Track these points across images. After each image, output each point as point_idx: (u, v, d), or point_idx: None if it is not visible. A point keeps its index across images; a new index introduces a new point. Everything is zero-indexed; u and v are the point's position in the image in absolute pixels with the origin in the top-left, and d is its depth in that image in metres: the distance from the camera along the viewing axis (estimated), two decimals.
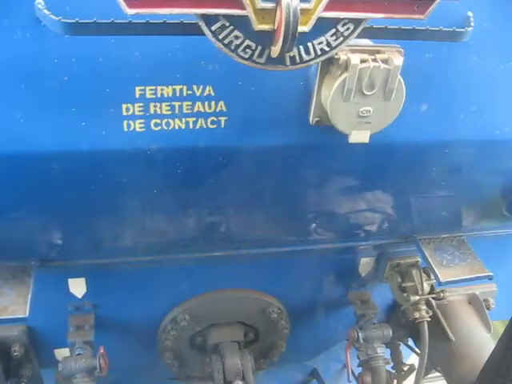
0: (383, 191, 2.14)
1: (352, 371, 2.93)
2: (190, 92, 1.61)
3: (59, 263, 2.26)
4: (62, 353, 2.67)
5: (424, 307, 2.62)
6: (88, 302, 2.51)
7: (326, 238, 2.44)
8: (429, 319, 2.63)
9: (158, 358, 2.84)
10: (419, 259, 2.64)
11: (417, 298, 2.57)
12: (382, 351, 2.68)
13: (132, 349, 2.80)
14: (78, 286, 2.45)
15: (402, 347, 3.18)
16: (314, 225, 2.29)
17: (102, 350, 2.44)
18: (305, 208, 2.19)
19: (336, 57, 1.46)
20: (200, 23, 1.29)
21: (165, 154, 1.70)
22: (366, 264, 2.70)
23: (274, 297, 2.70)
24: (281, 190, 2.00)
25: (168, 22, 1.33)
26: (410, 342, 3.16)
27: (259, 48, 1.35)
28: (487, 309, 2.95)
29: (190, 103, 1.63)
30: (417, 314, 2.62)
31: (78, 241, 2.14)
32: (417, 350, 3.07)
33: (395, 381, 3.06)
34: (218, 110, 1.65)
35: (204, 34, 1.31)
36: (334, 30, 1.36)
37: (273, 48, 1.33)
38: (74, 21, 1.32)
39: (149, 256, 2.30)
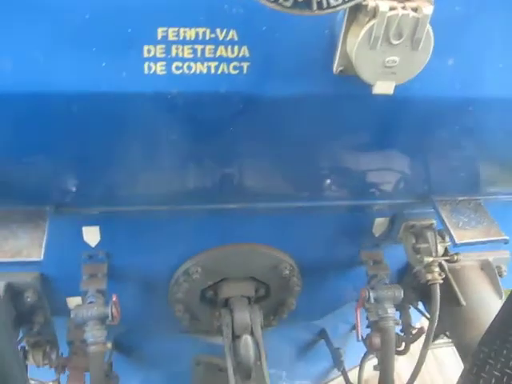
0: (402, 148, 2.11)
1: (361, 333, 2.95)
2: (213, 35, 1.57)
3: (74, 209, 2.26)
4: (74, 301, 2.69)
5: (437, 269, 2.60)
6: (101, 251, 2.52)
7: (341, 195, 2.41)
8: (441, 281, 2.61)
9: (170, 310, 2.86)
10: (434, 221, 2.61)
11: (430, 259, 2.55)
12: (393, 312, 2.67)
13: (144, 300, 2.82)
14: (91, 235, 2.46)
15: (412, 311, 3.19)
16: (329, 180, 2.26)
17: (114, 299, 2.46)
18: (321, 162, 2.16)
19: (364, 3, 1.41)
20: None
21: (185, 99, 1.67)
22: (380, 224, 2.68)
23: (287, 253, 2.70)
24: (299, 141, 1.97)
25: None
26: (420, 307, 3.17)
27: None
28: (499, 276, 2.94)
29: (212, 47, 1.58)
30: (429, 276, 2.60)
31: (93, 186, 2.14)
32: (426, 314, 3.08)
33: (403, 343, 3.08)
34: (240, 56, 1.61)
35: None
36: None
37: None
38: None
39: (163, 206, 2.29)
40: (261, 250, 2.64)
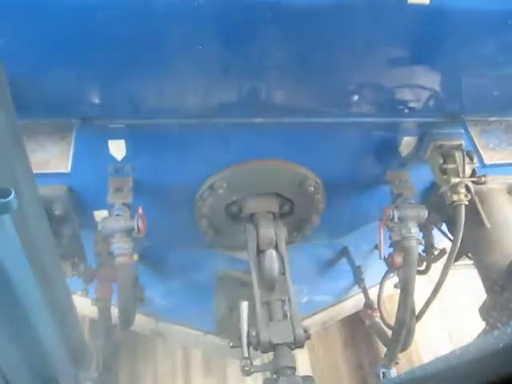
0: (435, 62, 2.04)
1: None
2: None
3: (100, 122, 2.25)
4: (100, 214, 2.73)
5: (463, 190, 2.57)
6: (127, 164, 2.53)
7: (369, 112, 2.37)
8: (467, 203, 2.59)
9: (194, 225, 2.90)
10: (463, 142, 2.56)
11: (457, 180, 2.52)
12: (416, 232, 2.67)
13: (169, 214, 2.85)
14: (117, 148, 2.46)
15: (435, 233, 3.19)
16: (357, 95, 2.22)
17: (140, 211, 2.49)
18: (350, 74, 2.11)
19: None
20: None
21: (212, 5, 1.62)
22: (407, 143, 2.64)
23: (312, 170, 2.69)
24: (329, 52, 1.92)
25: None
26: (443, 229, 3.17)
27: None
28: None
29: None
30: (455, 197, 2.58)
31: (119, 97, 2.13)
32: (449, 235, 3.08)
33: (425, 263, 3.10)
34: None
35: None
36: None
37: None
38: None
39: (189, 119, 2.27)
40: (286, 166, 2.63)
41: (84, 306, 3.14)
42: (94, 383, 2.22)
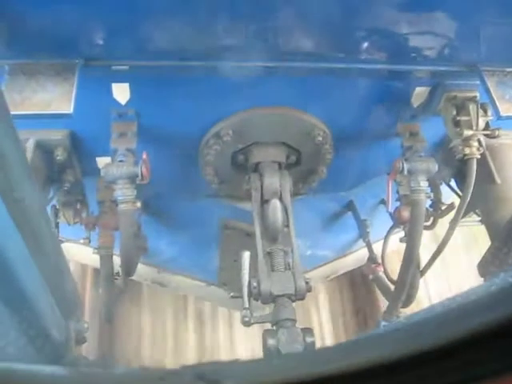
0: (451, 8, 1.96)
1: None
2: None
3: (103, 62, 2.18)
4: (104, 161, 2.68)
5: (476, 144, 2.51)
6: (131, 109, 2.47)
7: (380, 58, 2.29)
8: (478, 157, 2.54)
9: (199, 173, 2.85)
10: (477, 94, 2.48)
11: (470, 132, 2.46)
12: (425, 185, 2.62)
13: (173, 161, 2.81)
14: (121, 92, 2.39)
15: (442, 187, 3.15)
16: (367, 39, 2.15)
17: (144, 156, 2.44)
18: (361, 16, 2.03)
19: None
20: None
21: None
22: (420, 94, 2.56)
23: (321, 120, 2.62)
24: None
25: None
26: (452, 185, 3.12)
27: None
28: None
29: None
30: (467, 150, 2.52)
31: (121, 36, 2.05)
32: (458, 191, 3.04)
33: (431, 218, 3.06)
34: None
35: None
36: None
37: None
38: None
39: (195, 61, 2.20)
40: (294, 114, 2.56)
41: (86, 255, 3.14)
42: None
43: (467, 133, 2.46)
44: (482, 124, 2.49)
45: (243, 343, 4.39)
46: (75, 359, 1.99)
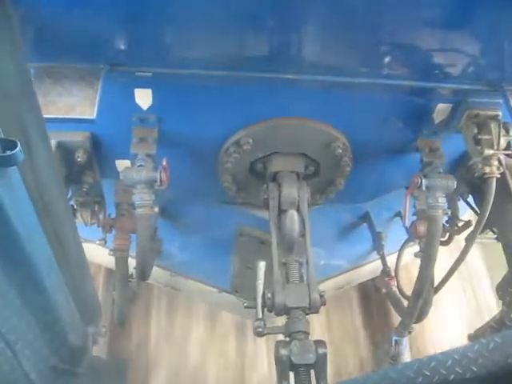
0: (477, 25, 1.95)
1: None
2: None
3: (127, 68, 2.20)
4: (123, 164, 2.71)
5: (496, 163, 2.49)
6: (153, 115, 2.49)
7: (403, 74, 2.29)
8: (498, 176, 2.52)
9: (217, 180, 2.86)
10: (500, 113, 2.46)
11: (491, 152, 2.44)
12: (443, 201, 2.61)
13: (192, 168, 2.82)
14: (143, 97, 2.41)
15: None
16: (391, 55, 2.15)
17: (164, 163, 2.46)
18: (385, 33, 2.03)
19: None
20: None
21: None
22: (442, 110, 2.55)
23: (341, 132, 2.62)
24: (364, 8, 1.84)
25: None
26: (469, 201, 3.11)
27: None
28: None
29: None
30: (487, 169, 2.49)
31: (146, 43, 2.08)
32: (475, 207, 3.02)
33: (448, 234, 3.05)
34: None
35: None
36: None
37: None
38: None
39: (217, 71, 2.21)
40: (314, 125, 2.56)
41: (101, 255, 3.15)
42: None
43: (488, 152, 2.44)
44: (503, 143, 2.48)
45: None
46: (92, 360, 2.01)
